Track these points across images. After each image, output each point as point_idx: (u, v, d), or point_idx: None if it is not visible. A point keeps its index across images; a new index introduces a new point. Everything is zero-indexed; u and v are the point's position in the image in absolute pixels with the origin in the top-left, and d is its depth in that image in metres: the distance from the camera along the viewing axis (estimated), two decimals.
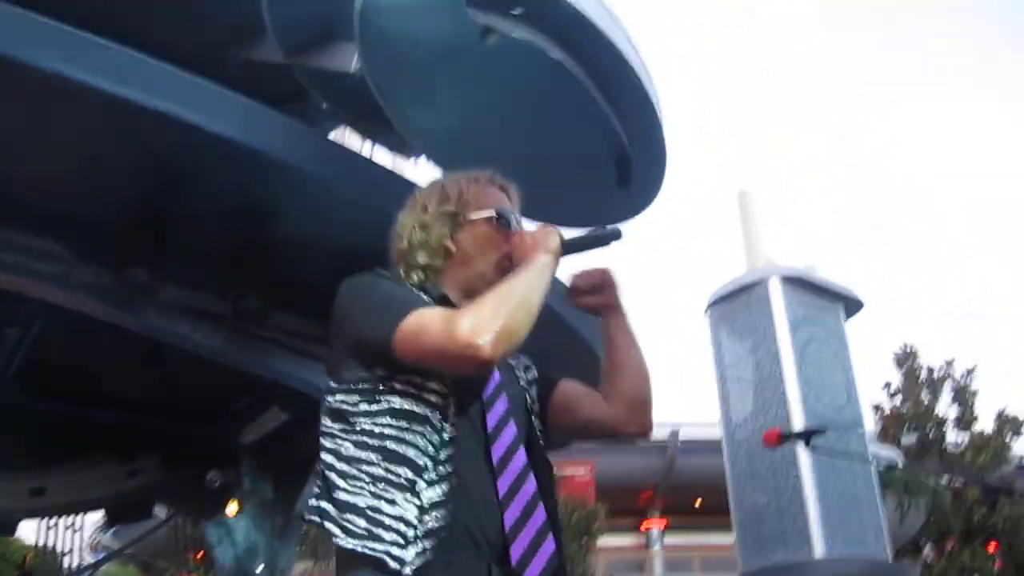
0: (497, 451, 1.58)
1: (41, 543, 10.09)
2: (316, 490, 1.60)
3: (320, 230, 4.34)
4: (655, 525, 29.53)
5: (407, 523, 1.44)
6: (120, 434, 8.00)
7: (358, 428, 1.57)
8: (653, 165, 4.40)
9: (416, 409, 1.54)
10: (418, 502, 1.45)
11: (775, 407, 11.31)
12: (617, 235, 1.78)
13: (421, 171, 6.19)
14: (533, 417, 1.82)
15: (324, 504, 1.55)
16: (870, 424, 16.76)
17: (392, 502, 1.46)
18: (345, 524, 1.49)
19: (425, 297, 1.71)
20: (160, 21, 5.31)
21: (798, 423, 10.75)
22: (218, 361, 5.24)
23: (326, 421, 1.65)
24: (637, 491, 27.85)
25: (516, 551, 1.48)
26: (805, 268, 12.53)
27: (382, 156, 5.70)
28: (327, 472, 1.58)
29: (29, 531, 10.30)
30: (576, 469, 20.79)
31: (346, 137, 6.41)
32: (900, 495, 11.36)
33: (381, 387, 1.58)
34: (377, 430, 1.55)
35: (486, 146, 4.32)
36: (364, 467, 1.53)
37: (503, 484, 1.54)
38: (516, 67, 3.74)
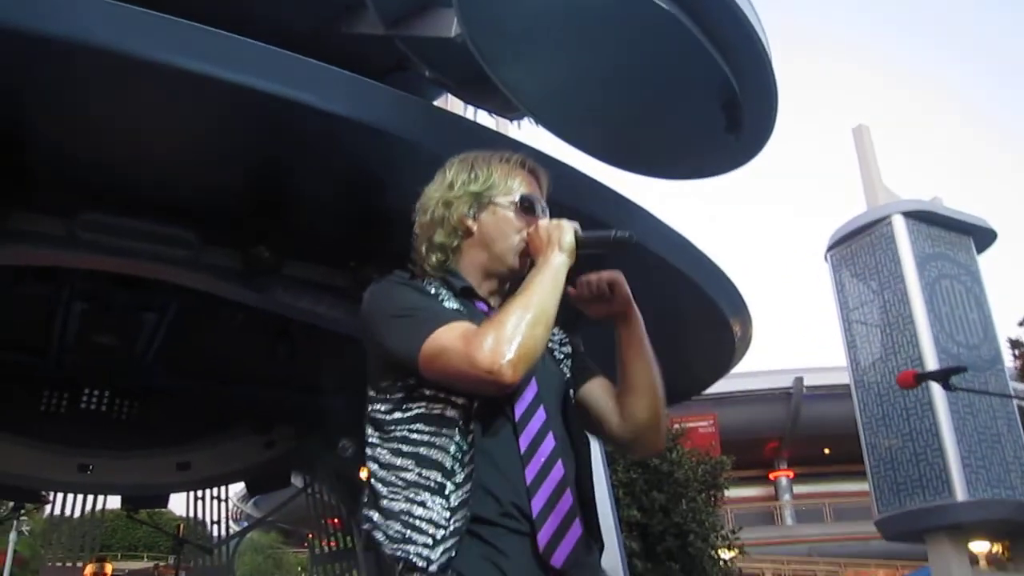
0: (524, 440, 1.58)
1: (190, 514, 10.71)
2: (365, 499, 1.65)
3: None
4: (783, 475, 29.11)
5: (436, 524, 1.49)
6: (256, 408, 8.39)
7: (393, 435, 1.61)
8: (763, 108, 4.25)
9: (446, 412, 1.57)
10: (446, 504, 1.50)
11: (906, 348, 10.89)
12: (633, 241, 1.68)
13: (526, 132, 6.17)
14: (570, 391, 1.78)
15: (371, 512, 1.60)
16: (1009, 361, 15.98)
17: (423, 504, 1.51)
18: (387, 530, 1.54)
19: (447, 300, 1.69)
20: (263, 1, 5.44)
21: (932, 364, 10.34)
22: (341, 332, 5.39)
23: (368, 430, 1.67)
24: (763, 441, 27.39)
25: (542, 539, 1.51)
26: (930, 201, 11.93)
27: (485, 119, 5.71)
28: (372, 480, 1.63)
29: (179, 503, 10.94)
30: (699, 422, 20.63)
31: (450, 103, 6.44)
32: None
33: (412, 394, 1.60)
34: (411, 436, 1.58)
35: (592, 102, 4.26)
36: (400, 473, 1.57)
37: (530, 472, 1.56)
38: (619, 19, 3.66)
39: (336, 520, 9.76)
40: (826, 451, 27.38)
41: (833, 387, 21.88)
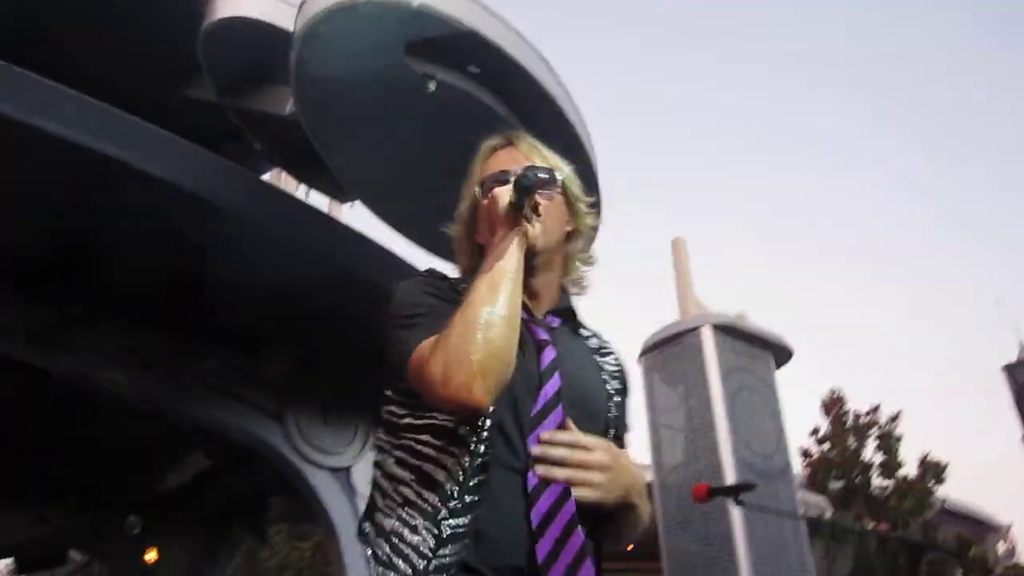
0: (532, 478, 1.41)
1: None
2: (366, 506, 1.53)
3: (251, 270, 4.26)
4: None
5: (421, 555, 1.35)
6: (30, 480, 7.67)
7: (401, 443, 1.49)
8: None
9: (458, 429, 1.41)
10: (437, 532, 1.36)
11: (706, 455, 11.38)
12: (536, 177, 1.47)
13: (357, 215, 6.14)
14: (610, 426, 1.61)
15: (366, 524, 1.49)
16: (798, 469, 16.99)
17: (415, 529, 1.38)
18: (376, 548, 1.43)
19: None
20: (98, 60, 5.20)
21: (729, 471, 10.84)
22: (139, 405, 5.07)
23: (380, 432, 1.56)
24: None
25: None
26: (736, 316, 12.73)
27: (318, 200, 5.65)
28: (373, 488, 1.52)
29: None
30: None
31: (283, 181, 6.33)
32: (827, 542, 11.50)
33: (425, 401, 1.43)
34: (416, 448, 1.45)
35: (421, 188, 4.30)
36: (400, 487, 1.45)
37: (536, 514, 1.39)
38: (449, 110, 3.74)
39: None
40: (629, 547, 27.91)
41: None
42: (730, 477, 8.55)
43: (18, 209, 4.20)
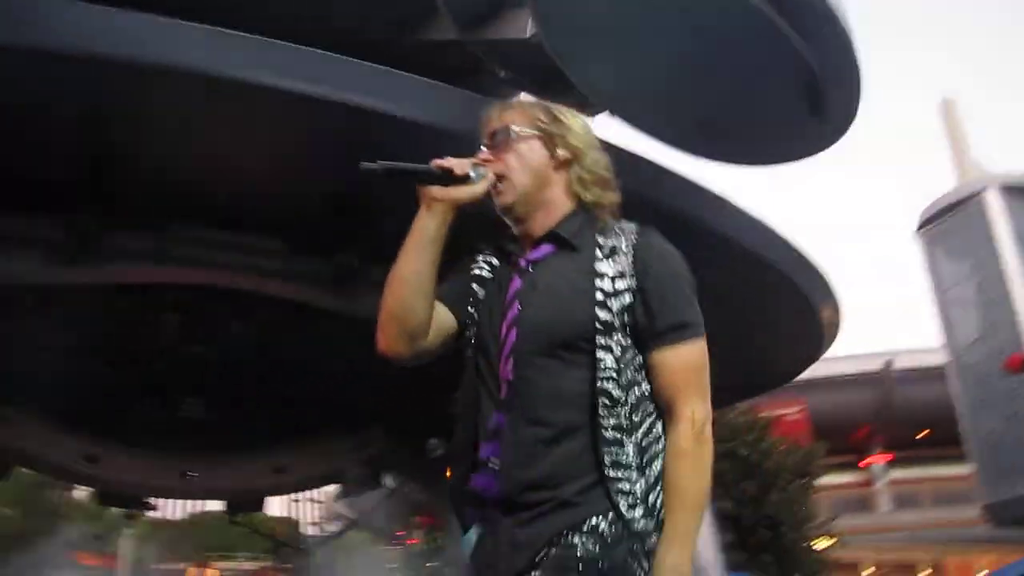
0: (497, 415, 1.64)
1: (287, 516, 10.99)
2: None
3: None
4: (877, 460, 28.25)
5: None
6: (349, 411, 8.54)
7: None
8: (847, 90, 4.14)
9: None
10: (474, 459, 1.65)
11: (1004, 329, 10.44)
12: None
13: (602, 127, 6.13)
14: (613, 328, 1.59)
15: None
16: None
17: None
18: None
19: (482, 268, 1.77)
20: (339, 10, 5.51)
21: None
22: None
23: None
24: (853, 427, 26.67)
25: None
26: None
27: None
28: None
29: (276, 506, 11.21)
30: (787, 409, 20.14)
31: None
32: None
33: None
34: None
35: (668, 93, 4.22)
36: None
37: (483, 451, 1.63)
38: (694, 7, 3.61)
39: (427, 518, 9.88)
40: (922, 434, 26.54)
41: (927, 369, 21.18)
42: None
43: (303, 172, 4.60)
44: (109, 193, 4.43)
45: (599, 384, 1.54)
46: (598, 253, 1.65)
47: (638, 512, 1.50)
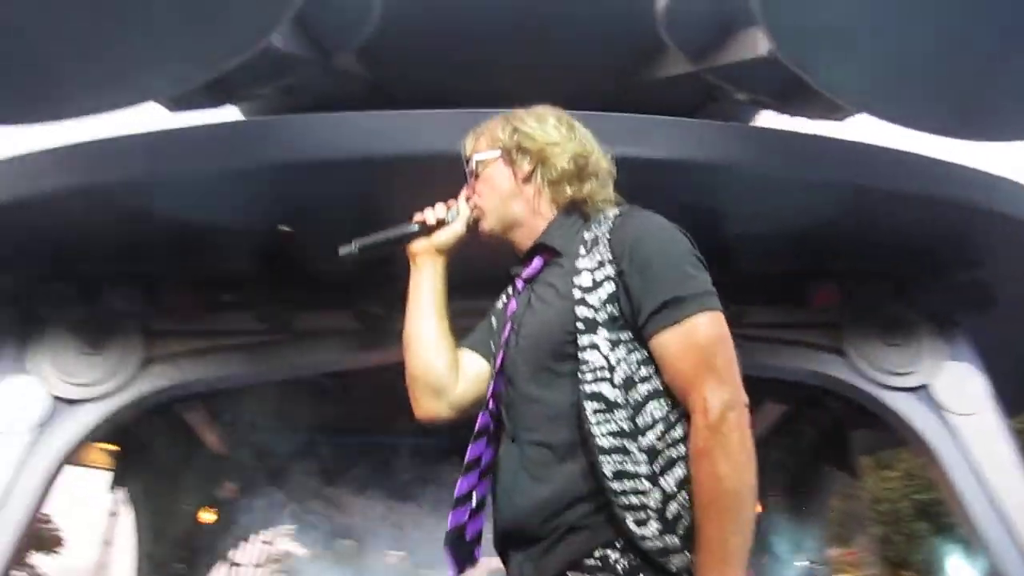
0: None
1: None
2: None
3: (773, 217, 4.31)
4: None
5: None
6: None
7: None
8: None
9: None
10: None
11: None
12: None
13: (853, 129, 5.87)
14: (601, 319, 1.45)
15: None
16: None
17: None
18: None
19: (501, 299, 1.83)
20: (564, 72, 5.64)
21: None
22: None
23: None
24: None
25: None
26: None
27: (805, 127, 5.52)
28: None
29: None
30: None
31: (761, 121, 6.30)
32: None
33: None
34: None
35: (921, 78, 3.98)
36: None
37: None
38: None
39: None
40: None
41: None
42: None
43: None
44: (392, 278, 4.84)
45: (588, 387, 1.39)
46: (581, 250, 1.55)
47: (651, 528, 1.30)
